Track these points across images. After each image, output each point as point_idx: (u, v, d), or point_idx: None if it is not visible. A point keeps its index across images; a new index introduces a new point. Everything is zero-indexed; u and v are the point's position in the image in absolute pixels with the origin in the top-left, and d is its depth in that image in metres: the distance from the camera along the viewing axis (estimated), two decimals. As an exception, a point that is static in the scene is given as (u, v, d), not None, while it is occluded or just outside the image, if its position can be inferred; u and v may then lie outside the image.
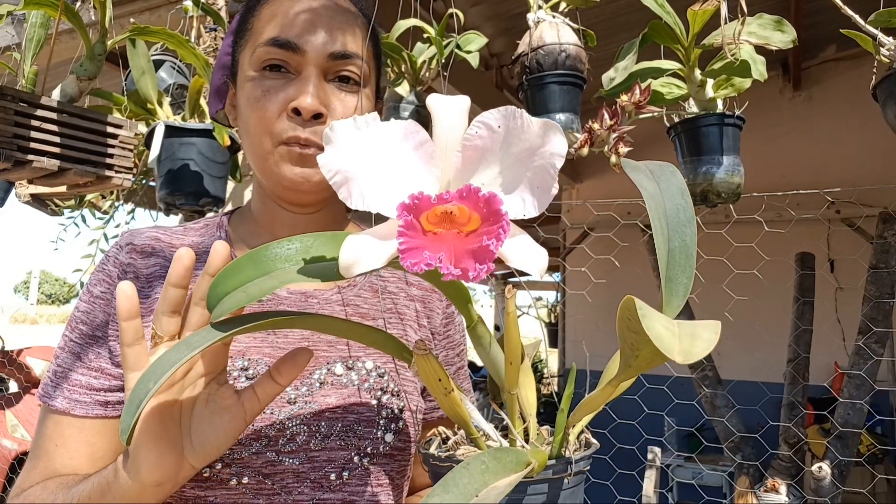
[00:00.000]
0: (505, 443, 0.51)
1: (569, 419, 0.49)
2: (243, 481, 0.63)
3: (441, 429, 0.56)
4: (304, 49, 0.67)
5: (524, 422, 0.52)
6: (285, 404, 0.66)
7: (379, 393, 0.70)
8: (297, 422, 0.66)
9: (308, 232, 0.52)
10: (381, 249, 0.44)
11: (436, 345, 0.81)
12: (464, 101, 0.46)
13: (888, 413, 3.31)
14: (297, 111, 0.66)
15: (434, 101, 0.46)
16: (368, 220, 0.61)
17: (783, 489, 2.04)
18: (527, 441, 0.51)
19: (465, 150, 0.45)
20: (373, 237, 0.44)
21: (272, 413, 0.66)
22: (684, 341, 0.34)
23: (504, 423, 0.53)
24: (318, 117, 0.66)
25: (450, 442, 0.55)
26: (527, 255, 0.44)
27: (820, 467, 1.96)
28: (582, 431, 0.52)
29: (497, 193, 0.42)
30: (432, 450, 0.53)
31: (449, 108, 0.46)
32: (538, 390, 0.56)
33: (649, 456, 2.53)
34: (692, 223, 0.48)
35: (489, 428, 0.52)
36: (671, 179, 0.50)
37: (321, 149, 0.66)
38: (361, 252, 0.43)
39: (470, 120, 0.46)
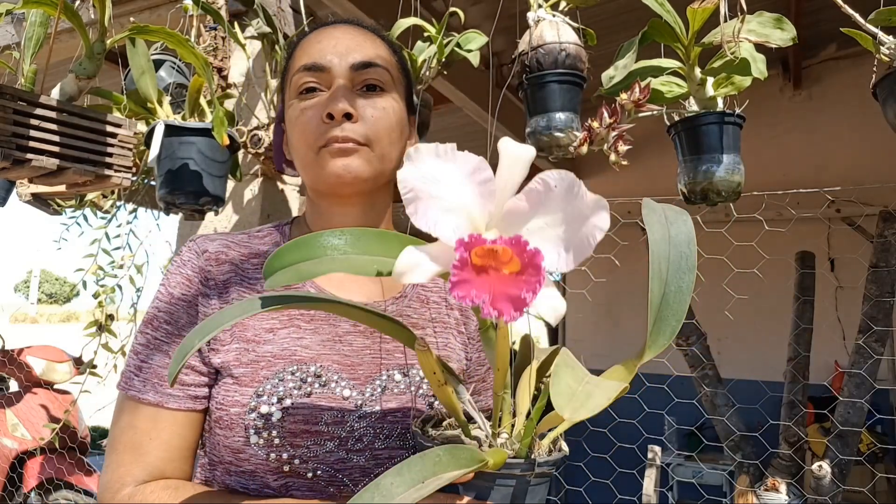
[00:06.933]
0: (489, 431, 0.58)
1: (537, 427, 0.55)
2: (318, 474, 0.71)
3: (441, 409, 0.63)
4: (328, 67, 0.76)
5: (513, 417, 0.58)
6: (354, 408, 0.74)
7: (431, 399, 0.78)
8: (364, 424, 0.74)
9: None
10: (431, 268, 0.50)
11: (473, 347, 0.88)
12: (530, 152, 0.52)
13: (888, 412, 3.31)
14: (330, 116, 0.74)
15: (506, 147, 0.52)
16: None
17: (783, 488, 2.04)
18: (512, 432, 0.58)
19: (526, 197, 0.51)
20: (426, 255, 0.51)
21: (344, 417, 0.73)
22: (576, 401, 0.41)
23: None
24: (349, 118, 0.74)
25: (444, 423, 0.63)
26: (550, 305, 0.50)
27: (820, 466, 1.96)
28: (558, 439, 0.58)
29: (540, 249, 0.47)
30: (427, 426, 0.61)
31: (517, 156, 0.52)
32: (538, 388, 0.60)
33: (649, 455, 2.53)
34: (692, 272, 0.52)
35: (480, 418, 0.58)
36: (682, 228, 0.54)
37: (358, 143, 0.74)
38: (415, 265, 0.50)
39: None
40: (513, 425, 0.57)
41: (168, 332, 0.75)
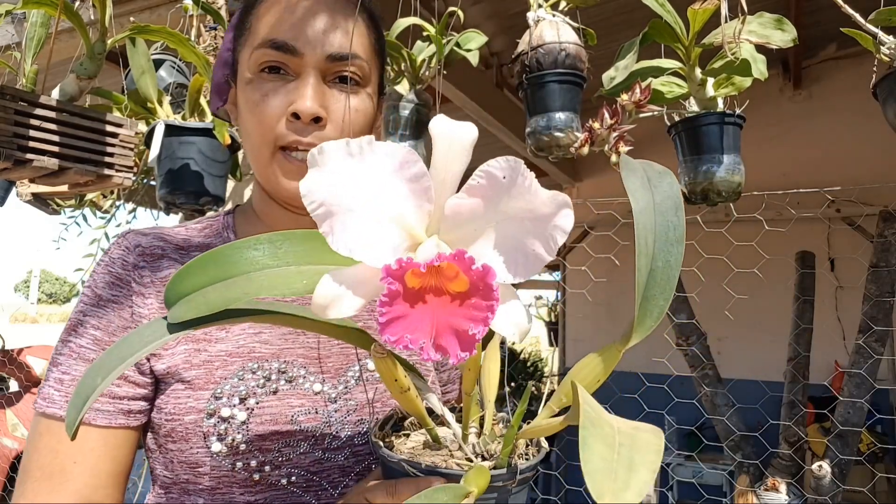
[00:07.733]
0: (459, 430, 0.52)
1: (518, 434, 0.49)
2: (292, 480, 0.64)
3: (400, 408, 0.58)
4: (301, 51, 0.65)
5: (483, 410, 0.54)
6: (328, 403, 0.67)
7: None
8: (341, 418, 0.68)
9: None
10: (355, 302, 0.41)
11: None
12: (470, 132, 0.42)
13: (888, 412, 3.31)
14: (296, 115, 0.65)
15: (438, 127, 0.41)
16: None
17: (783, 488, 2.04)
18: (482, 427, 0.53)
19: (469, 194, 0.41)
20: (349, 285, 0.41)
21: (318, 413, 0.66)
22: (617, 480, 0.32)
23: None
24: (317, 121, 0.65)
25: (406, 422, 0.57)
26: (512, 321, 0.43)
27: (820, 466, 1.96)
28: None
29: (491, 262, 0.39)
30: (387, 429, 0.56)
31: (453, 138, 0.41)
32: (538, 389, 0.57)
33: (649, 455, 2.52)
34: (681, 243, 0.45)
35: (451, 418, 0.53)
36: (668, 192, 0.46)
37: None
38: (336, 299, 0.41)
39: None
40: (482, 418, 0.52)
41: (95, 338, 0.65)
